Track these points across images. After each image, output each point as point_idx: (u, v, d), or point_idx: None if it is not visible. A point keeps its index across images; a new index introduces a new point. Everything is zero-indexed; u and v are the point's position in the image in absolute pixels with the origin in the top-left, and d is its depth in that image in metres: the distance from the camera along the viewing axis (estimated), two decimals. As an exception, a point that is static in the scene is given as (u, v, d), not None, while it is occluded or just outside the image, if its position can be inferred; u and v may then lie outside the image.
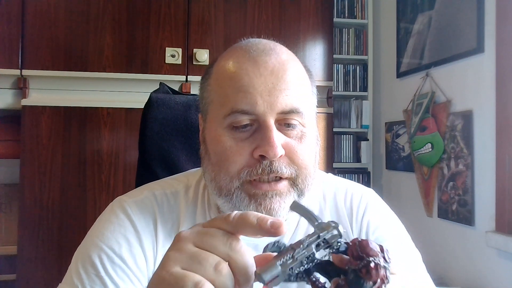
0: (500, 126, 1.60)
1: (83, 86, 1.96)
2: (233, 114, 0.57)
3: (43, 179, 1.87)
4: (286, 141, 0.58)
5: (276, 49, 0.61)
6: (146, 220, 0.64)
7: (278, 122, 0.58)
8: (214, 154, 0.60)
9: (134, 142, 1.17)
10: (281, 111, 0.57)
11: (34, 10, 1.90)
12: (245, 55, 0.60)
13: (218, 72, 0.62)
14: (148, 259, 0.62)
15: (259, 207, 0.57)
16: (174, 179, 0.72)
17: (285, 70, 0.59)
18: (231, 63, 0.60)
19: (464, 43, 1.80)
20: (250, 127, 0.58)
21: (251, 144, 0.57)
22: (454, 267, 1.84)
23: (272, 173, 0.56)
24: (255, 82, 0.57)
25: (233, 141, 0.57)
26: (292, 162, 0.58)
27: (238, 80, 0.58)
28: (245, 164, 0.57)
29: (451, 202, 1.85)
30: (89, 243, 0.62)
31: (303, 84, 0.61)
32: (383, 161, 2.50)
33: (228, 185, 0.58)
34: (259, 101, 0.56)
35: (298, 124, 0.59)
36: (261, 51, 0.60)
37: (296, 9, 2.15)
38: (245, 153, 0.57)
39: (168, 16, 2.02)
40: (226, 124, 0.58)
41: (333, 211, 0.70)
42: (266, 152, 0.55)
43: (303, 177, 0.59)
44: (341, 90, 2.62)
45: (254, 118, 0.57)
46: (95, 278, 0.59)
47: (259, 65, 0.58)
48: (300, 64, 0.63)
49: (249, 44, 0.63)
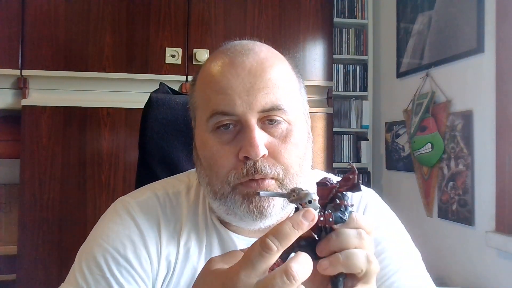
0: (500, 126, 1.60)
1: (83, 86, 1.96)
2: (214, 116, 0.57)
3: (43, 179, 1.87)
4: (270, 140, 0.58)
5: (254, 49, 0.61)
6: (150, 221, 0.64)
7: (261, 120, 0.58)
8: (204, 158, 0.60)
9: (134, 142, 1.17)
10: (261, 110, 0.57)
11: (34, 10, 1.90)
12: (223, 57, 0.61)
13: (201, 77, 0.63)
14: (152, 260, 0.62)
15: (251, 206, 0.57)
16: (175, 179, 0.72)
17: (263, 69, 0.58)
18: (211, 67, 0.61)
19: (464, 43, 1.80)
20: (234, 128, 0.58)
21: (236, 146, 0.57)
22: (454, 267, 1.84)
23: (257, 173, 0.56)
24: (233, 83, 0.57)
25: (219, 145, 0.58)
26: (278, 162, 0.58)
27: (217, 83, 0.58)
28: (231, 167, 0.57)
29: (451, 202, 1.85)
30: (93, 243, 0.62)
31: (285, 81, 0.61)
32: (383, 161, 2.50)
33: (221, 189, 0.58)
34: (238, 101, 0.56)
35: (282, 121, 0.58)
36: (238, 52, 0.60)
37: (296, 9, 2.15)
38: (231, 156, 0.57)
39: (168, 16, 2.02)
40: (210, 128, 0.58)
41: None
42: (248, 153, 0.55)
43: (290, 177, 0.59)
44: (341, 90, 2.62)
45: (236, 119, 0.57)
46: (100, 279, 0.59)
47: (236, 66, 0.58)
48: (283, 62, 0.63)
49: (228, 46, 0.63)
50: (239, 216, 0.59)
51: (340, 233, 0.44)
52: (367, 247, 0.44)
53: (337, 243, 0.43)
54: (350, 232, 0.44)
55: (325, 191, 0.46)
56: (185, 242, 0.64)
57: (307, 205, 0.43)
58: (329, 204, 0.45)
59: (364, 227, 0.45)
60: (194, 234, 0.65)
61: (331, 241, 0.43)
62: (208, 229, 0.66)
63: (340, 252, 0.43)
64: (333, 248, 0.43)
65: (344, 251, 0.43)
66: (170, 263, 0.63)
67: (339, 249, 0.43)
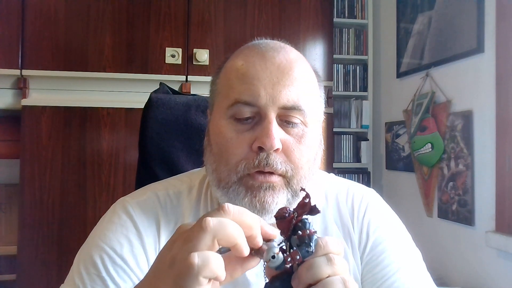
0: (500, 126, 1.60)
1: (83, 86, 1.96)
2: (236, 104, 0.58)
3: (43, 179, 1.87)
4: (285, 137, 0.58)
5: (285, 48, 0.62)
6: (149, 220, 0.64)
7: (280, 118, 0.58)
8: (216, 144, 0.60)
9: (134, 142, 1.17)
10: (283, 106, 0.57)
11: (34, 10, 1.90)
12: (254, 50, 0.61)
13: (227, 67, 0.63)
14: (150, 260, 0.62)
15: (254, 200, 0.57)
16: (177, 179, 0.72)
17: (291, 68, 0.59)
18: (241, 58, 0.62)
19: (464, 43, 1.80)
20: (252, 120, 0.58)
21: (251, 136, 0.57)
22: (454, 267, 1.84)
23: (268, 166, 0.56)
24: (260, 74, 0.58)
25: (234, 133, 0.58)
26: (289, 160, 0.58)
27: (244, 72, 0.59)
28: (243, 157, 0.57)
29: (451, 202, 1.85)
30: (91, 243, 0.62)
31: (309, 84, 0.62)
32: (383, 161, 2.50)
33: (226, 177, 0.59)
34: (262, 93, 0.57)
35: (299, 123, 0.59)
36: (270, 47, 0.61)
37: (296, 9, 2.15)
38: (245, 146, 0.57)
39: (168, 16, 2.02)
40: (229, 115, 0.59)
41: (335, 210, 0.70)
42: (263, 143, 0.55)
43: (299, 178, 0.59)
44: (341, 90, 2.62)
45: (256, 110, 0.57)
46: (96, 279, 0.59)
47: (266, 59, 0.59)
48: (309, 66, 0.64)
49: (260, 41, 0.65)
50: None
51: (310, 265, 0.42)
52: (340, 271, 0.43)
53: (309, 276, 0.42)
54: (320, 261, 0.42)
55: (285, 224, 0.44)
56: None
57: (271, 261, 0.42)
58: (292, 236, 0.43)
59: (333, 251, 0.43)
60: None
61: (303, 275, 0.42)
62: None
63: (315, 284, 0.42)
64: (307, 281, 0.42)
65: (319, 282, 0.42)
66: None
67: (313, 281, 0.42)
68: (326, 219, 0.69)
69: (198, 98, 0.98)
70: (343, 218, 0.69)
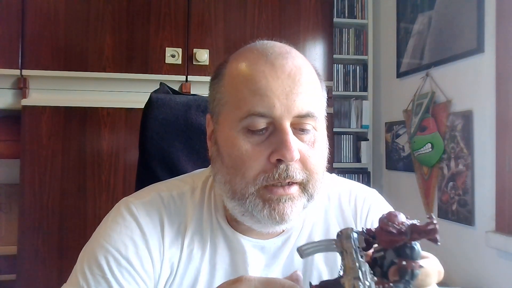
0: (500, 126, 1.60)
1: (83, 86, 1.96)
2: (250, 117, 0.56)
3: (43, 179, 1.87)
4: (301, 146, 0.58)
5: (292, 53, 0.61)
6: (153, 222, 0.64)
7: (293, 126, 0.57)
8: (229, 157, 0.59)
9: (134, 142, 1.17)
10: (297, 115, 0.57)
11: (34, 10, 1.90)
12: (262, 58, 0.59)
13: (233, 74, 0.61)
14: (154, 262, 0.62)
15: (273, 212, 0.56)
16: (179, 180, 0.71)
17: (301, 74, 0.58)
18: (247, 65, 0.59)
19: (464, 43, 1.80)
20: (266, 131, 0.57)
21: (267, 148, 0.56)
22: (454, 267, 1.84)
23: (288, 178, 0.56)
24: (273, 85, 0.56)
25: (249, 145, 0.57)
26: (305, 168, 0.58)
27: (255, 83, 0.57)
28: (261, 170, 0.56)
29: (451, 202, 1.85)
30: (96, 244, 0.62)
31: (316, 88, 0.61)
32: (383, 161, 2.50)
33: (243, 189, 0.57)
34: (277, 104, 0.56)
35: (311, 128, 0.59)
36: (278, 54, 0.59)
37: (296, 9, 2.15)
38: (262, 158, 0.56)
39: (168, 16, 2.02)
40: (241, 127, 0.57)
41: (338, 211, 0.70)
42: (284, 156, 0.54)
43: (314, 182, 0.59)
44: (341, 90, 2.62)
45: (271, 121, 0.56)
46: (101, 280, 0.59)
47: (276, 68, 0.58)
48: (312, 68, 0.63)
49: (264, 46, 0.62)
50: (257, 218, 0.58)
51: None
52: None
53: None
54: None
55: (389, 237, 0.39)
56: (188, 243, 0.64)
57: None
58: (390, 252, 0.38)
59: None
60: (198, 235, 0.65)
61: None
62: (213, 230, 0.65)
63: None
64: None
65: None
66: (173, 264, 0.63)
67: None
68: (329, 219, 0.69)
69: (198, 98, 0.98)
70: (346, 219, 0.69)
